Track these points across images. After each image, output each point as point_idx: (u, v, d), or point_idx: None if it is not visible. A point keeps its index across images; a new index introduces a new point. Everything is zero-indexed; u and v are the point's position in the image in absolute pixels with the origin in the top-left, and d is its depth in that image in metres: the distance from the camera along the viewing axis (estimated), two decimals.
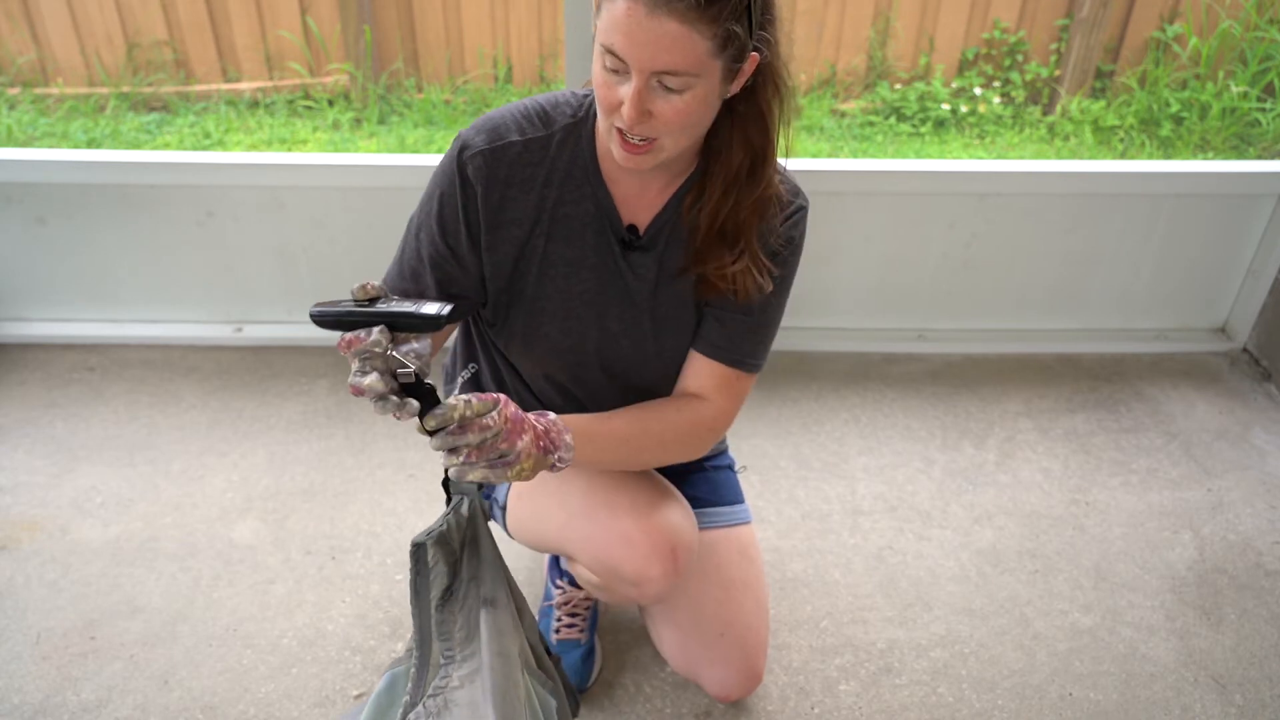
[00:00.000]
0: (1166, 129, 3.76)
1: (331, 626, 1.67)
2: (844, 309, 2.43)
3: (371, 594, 1.73)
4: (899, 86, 4.03)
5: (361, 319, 0.94)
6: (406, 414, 0.96)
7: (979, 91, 3.99)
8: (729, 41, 0.99)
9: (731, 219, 1.17)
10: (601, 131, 1.15)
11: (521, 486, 1.37)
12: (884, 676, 1.62)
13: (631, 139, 1.07)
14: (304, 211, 2.22)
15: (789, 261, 1.25)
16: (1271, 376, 2.38)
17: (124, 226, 2.24)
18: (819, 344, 2.43)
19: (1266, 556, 1.88)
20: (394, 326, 0.95)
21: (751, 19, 1.00)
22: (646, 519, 1.24)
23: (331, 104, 3.90)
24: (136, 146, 3.61)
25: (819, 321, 2.43)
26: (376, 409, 0.96)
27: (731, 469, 1.59)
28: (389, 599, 1.72)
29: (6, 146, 3.13)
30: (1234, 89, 3.70)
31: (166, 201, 2.21)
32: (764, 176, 1.15)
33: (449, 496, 1.13)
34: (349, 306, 0.95)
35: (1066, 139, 3.82)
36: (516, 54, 3.97)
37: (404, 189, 2.10)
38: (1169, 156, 3.66)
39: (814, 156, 3.57)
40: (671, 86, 1.01)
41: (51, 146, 3.56)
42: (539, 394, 1.36)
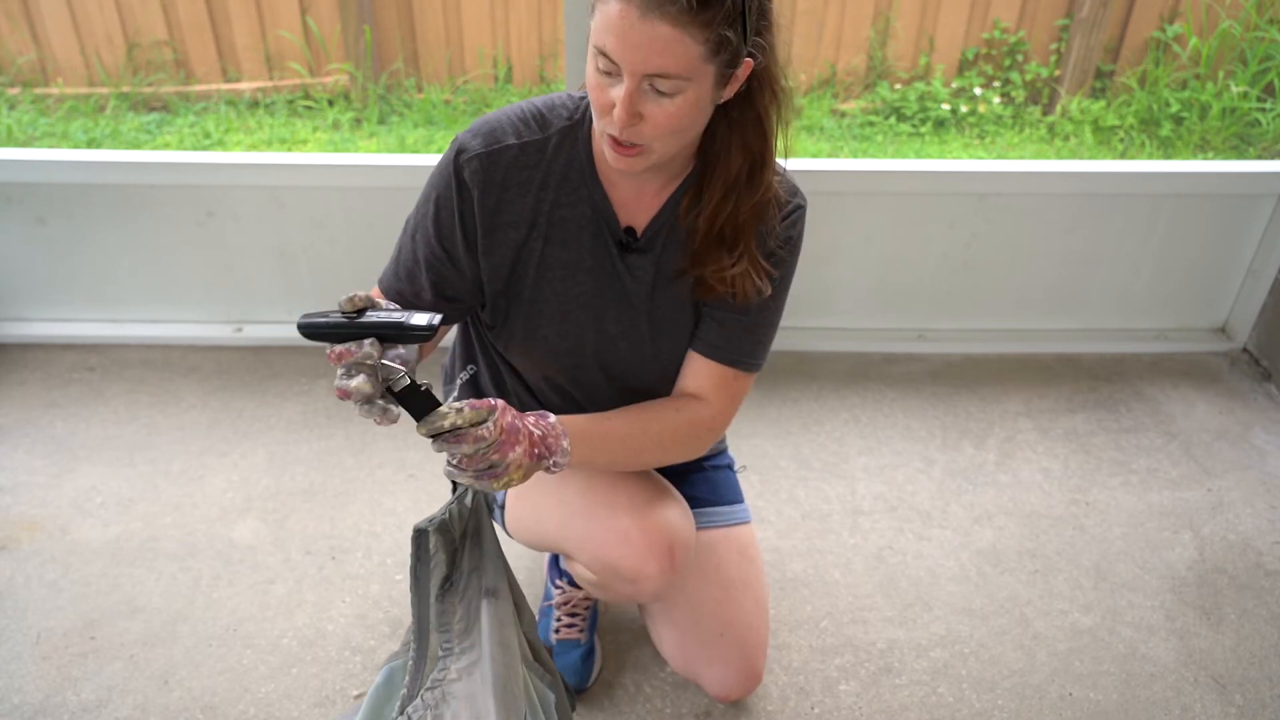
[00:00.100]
0: (1166, 129, 3.76)
1: (331, 626, 1.67)
2: (844, 309, 2.43)
3: (371, 594, 1.73)
4: (899, 86, 4.03)
5: (351, 331, 0.95)
6: (388, 420, 0.97)
7: (979, 91, 3.99)
8: (722, 46, 0.99)
9: (730, 222, 1.17)
10: (595, 133, 1.16)
11: (520, 485, 1.37)
12: (884, 676, 1.62)
13: (622, 140, 1.07)
14: (304, 211, 2.23)
15: (787, 261, 1.25)
16: (1271, 376, 2.38)
17: (124, 226, 2.24)
18: (819, 344, 2.43)
19: (1266, 556, 1.88)
20: (383, 339, 0.96)
21: (746, 25, 1.00)
22: (644, 517, 1.25)
23: (331, 104, 3.90)
24: (136, 146, 3.61)
25: (819, 321, 2.43)
26: (360, 412, 0.96)
27: (731, 469, 1.59)
28: (389, 599, 1.72)
29: (6, 146, 3.13)
30: (1234, 89, 3.70)
31: (166, 201, 2.21)
32: (763, 181, 1.16)
33: (454, 485, 1.14)
34: (337, 318, 0.96)
35: (1066, 139, 3.82)
36: (516, 54, 3.97)
37: (404, 189, 2.09)
38: (1169, 156, 3.66)
39: (814, 156, 3.57)
40: (663, 90, 1.01)
41: (51, 146, 3.56)
42: (538, 395, 1.36)
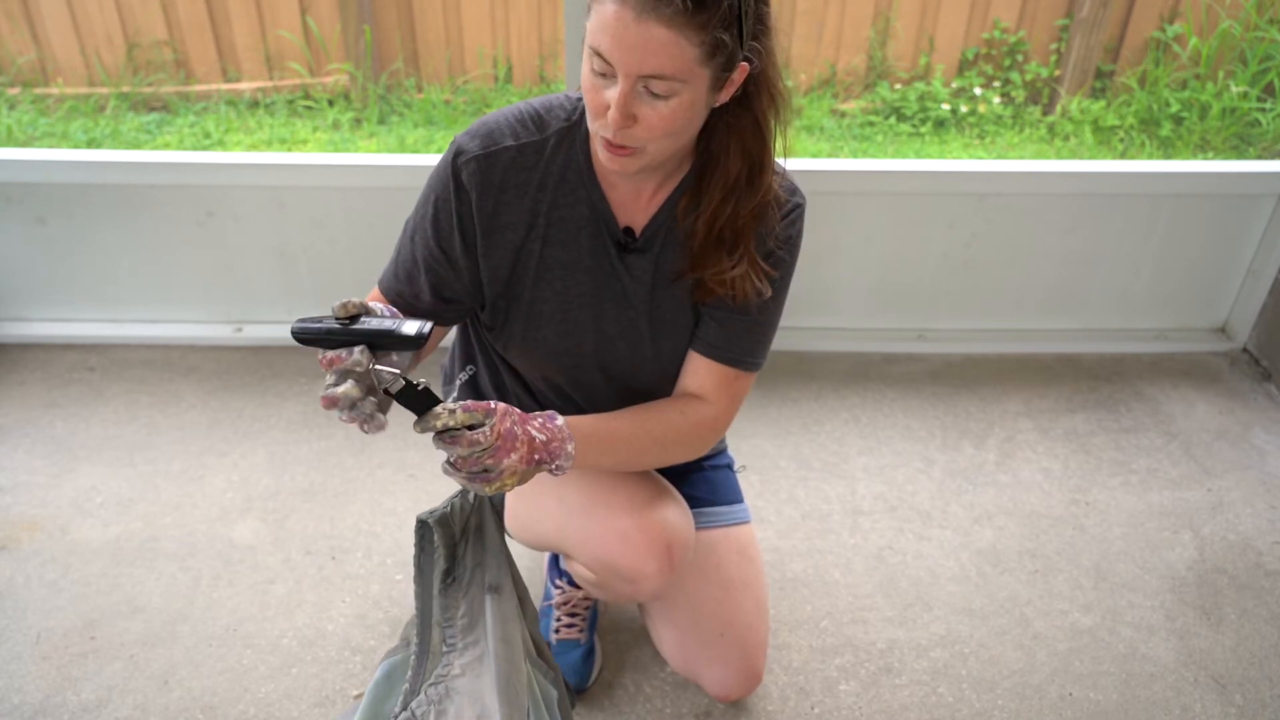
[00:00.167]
0: (1166, 129, 3.76)
1: (331, 626, 1.67)
2: (844, 309, 2.43)
3: (371, 594, 1.73)
4: (899, 86, 4.03)
5: (343, 338, 0.95)
6: (375, 427, 0.98)
7: (979, 91, 3.99)
8: (717, 50, 0.99)
9: (730, 225, 1.17)
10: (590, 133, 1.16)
11: (521, 486, 1.37)
12: (884, 676, 1.62)
13: (615, 141, 1.07)
14: (304, 211, 2.23)
15: (787, 261, 1.25)
16: (1271, 376, 2.38)
17: (124, 226, 2.24)
18: (819, 344, 2.43)
19: (1266, 556, 1.88)
20: (374, 346, 0.96)
21: (742, 29, 1.00)
22: (642, 516, 1.25)
23: (331, 104, 3.90)
24: (136, 146, 3.61)
25: (819, 321, 2.43)
26: (344, 418, 0.97)
27: (731, 468, 1.60)
28: (389, 599, 1.72)
29: (6, 146, 3.13)
30: (1234, 89, 3.70)
31: (166, 201, 2.21)
32: (762, 184, 1.16)
33: None
34: (330, 324, 0.96)
35: (1066, 139, 3.82)
36: (516, 54, 3.97)
37: (404, 189, 2.09)
38: (1169, 156, 3.66)
39: (814, 156, 3.57)
40: (657, 92, 1.01)
41: (51, 146, 3.56)
42: (537, 395, 1.36)
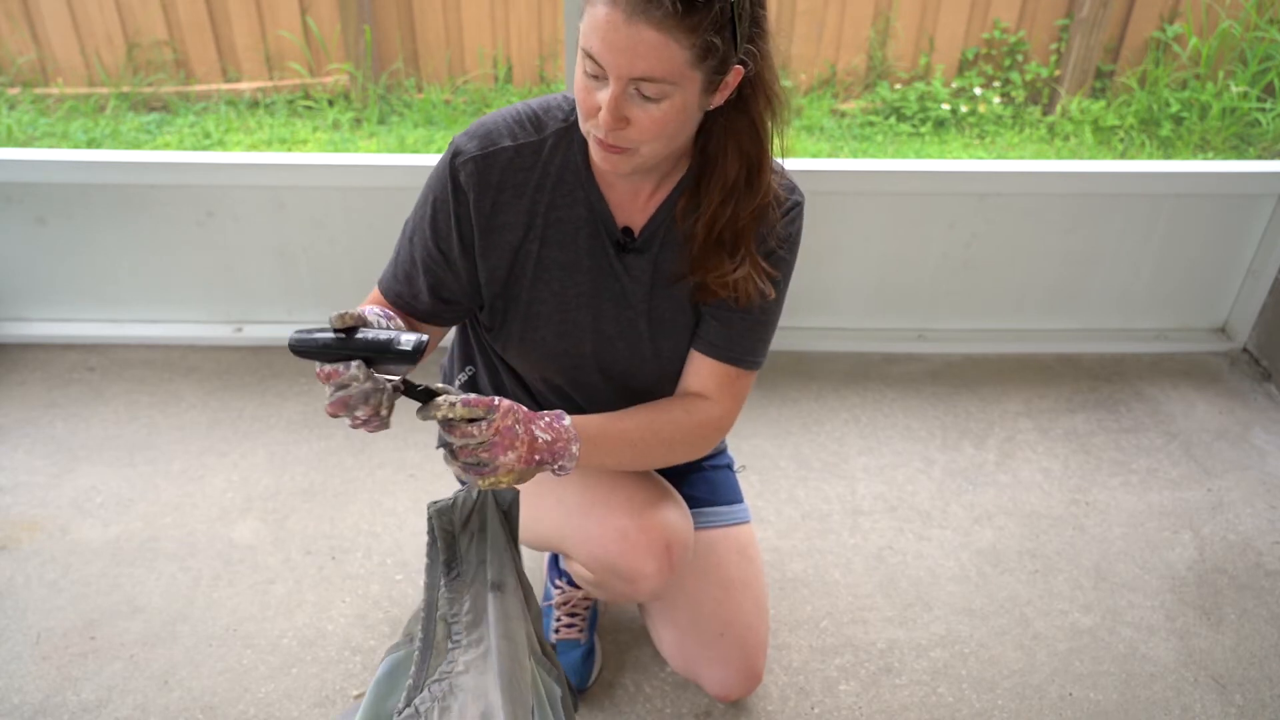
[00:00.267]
0: (1166, 129, 3.76)
1: (331, 626, 1.67)
2: (844, 309, 2.43)
3: (371, 594, 1.73)
4: (899, 86, 4.03)
5: (339, 352, 0.96)
6: (378, 422, 0.99)
7: (979, 91, 3.99)
8: (709, 52, 0.99)
9: (730, 227, 1.17)
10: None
11: (519, 484, 1.38)
12: (884, 676, 1.62)
13: (608, 142, 1.07)
14: (304, 211, 2.22)
15: (787, 260, 1.25)
16: (1271, 376, 2.38)
17: (124, 226, 2.24)
18: (819, 344, 2.43)
19: (1266, 556, 1.88)
20: (371, 361, 0.97)
21: (736, 32, 1.00)
22: (641, 516, 1.25)
23: (331, 104, 3.90)
24: (136, 146, 3.61)
25: (819, 321, 2.43)
26: (352, 424, 0.99)
27: (730, 468, 1.60)
28: (389, 599, 1.72)
29: (6, 146, 3.13)
30: (1234, 89, 3.70)
31: (166, 201, 2.21)
32: (760, 185, 1.16)
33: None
34: (328, 336, 0.96)
35: (1066, 139, 3.82)
36: (516, 54, 3.97)
37: (404, 189, 2.09)
38: (1169, 156, 3.65)
39: (814, 156, 3.57)
40: (648, 95, 1.01)
41: (51, 146, 3.56)
42: (536, 395, 1.36)
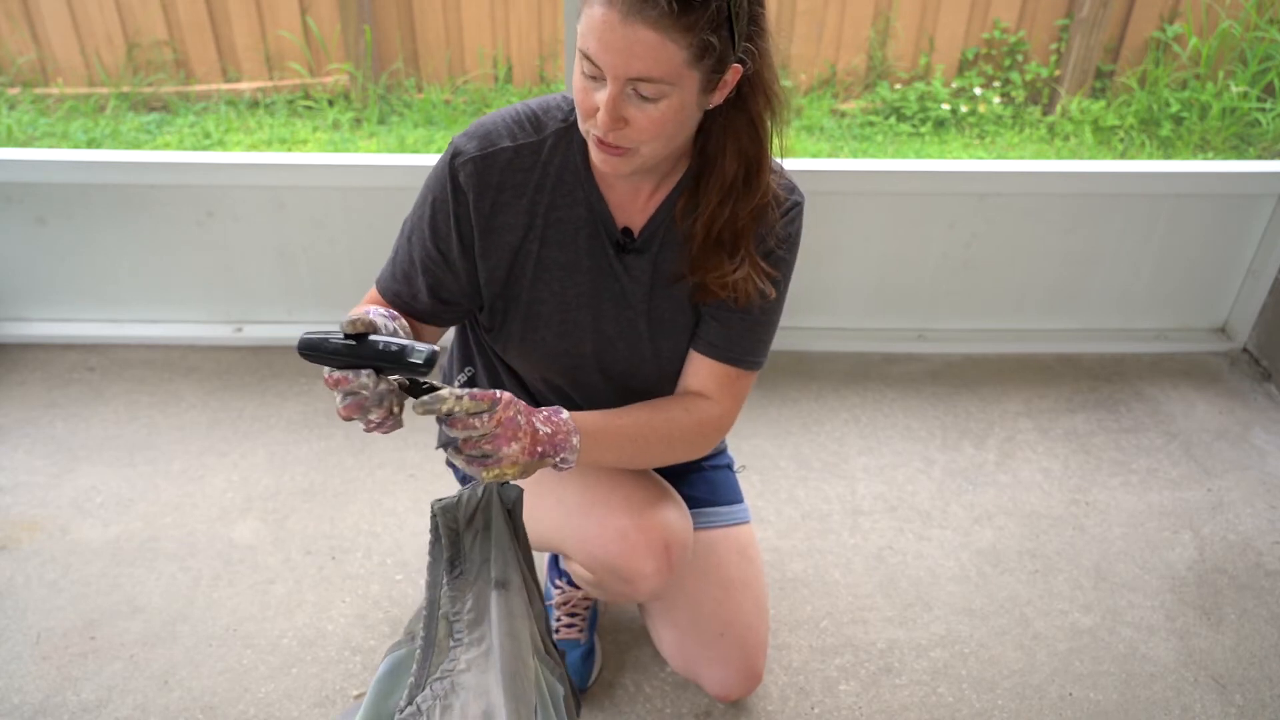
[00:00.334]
0: (1166, 129, 3.76)
1: (331, 626, 1.67)
2: (844, 309, 2.43)
3: (371, 594, 1.73)
4: (899, 86, 4.03)
5: (350, 360, 0.96)
6: (391, 422, 1.00)
7: (979, 91, 3.99)
8: (706, 52, 0.98)
9: (729, 227, 1.17)
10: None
11: (523, 477, 1.38)
12: (884, 676, 1.62)
13: (607, 142, 1.07)
14: (304, 211, 2.23)
15: (787, 260, 1.25)
16: (1271, 376, 2.38)
17: (124, 226, 2.24)
18: (819, 344, 2.43)
19: (1266, 556, 1.88)
20: (380, 370, 0.97)
21: (733, 30, 1.00)
22: (640, 516, 1.25)
23: (331, 104, 3.90)
24: (136, 146, 3.61)
25: (819, 321, 2.43)
26: (367, 428, 1.00)
27: (730, 468, 1.59)
28: (389, 599, 1.72)
29: (6, 146, 3.13)
30: (1234, 89, 3.70)
31: (166, 201, 2.21)
32: (759, 185, 1.15)
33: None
34: (340, 341, 0.97)
35: (1066, 139, 3.82)
36: (516, 54, 3.97)
37: (404, 189, 2.09)
38: (1169, 156, 3.65)
39: (814, 156, 3.57)
40: (646, 95, 1.01)
41: (51, 146, 3.56)
42: (536, 396, 1.36)
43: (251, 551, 1.81)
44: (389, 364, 0.96)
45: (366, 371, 0.96)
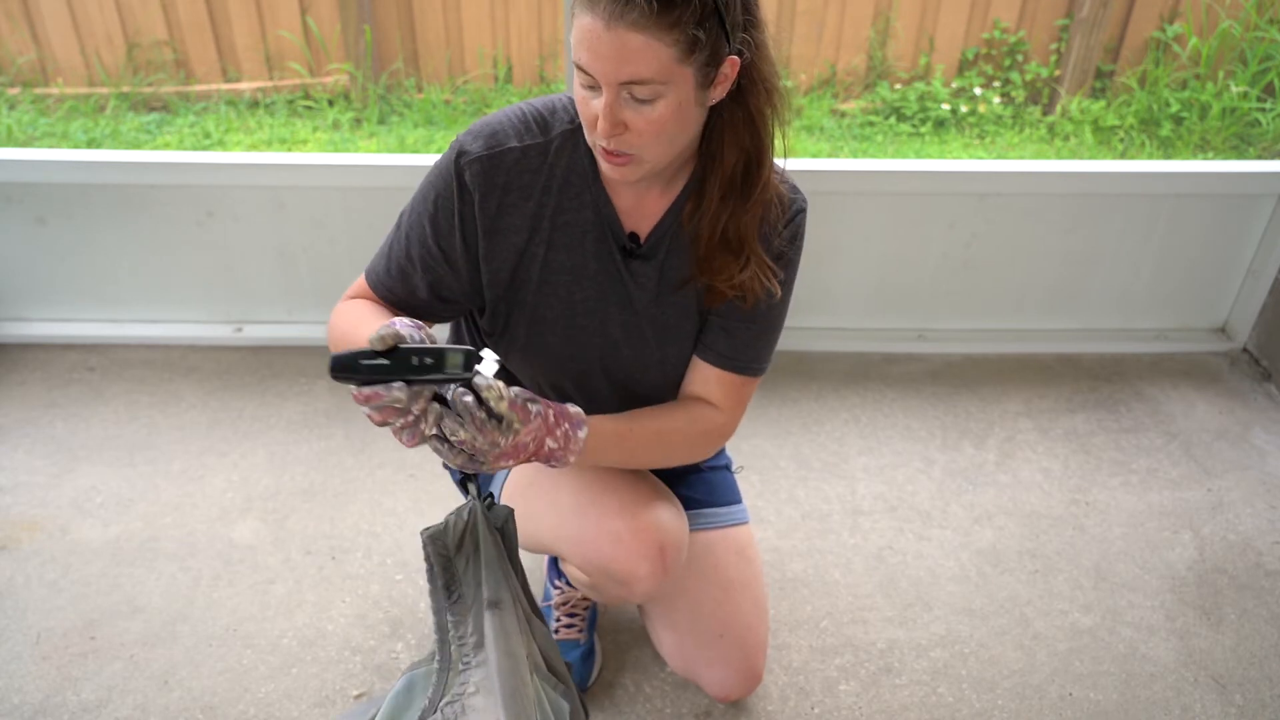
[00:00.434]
0: (1166, 129, 3.76)
1: (331, 626, 1.67)
2: (844, 309, 2.43)
3: (371, 594, 1.73)
4: (899, 86, 4.03)
5: (385, 377, 0.92)
6: (427, 429, 0.96)
7: (979, 91, 3.99)
8: (695, 47, 0.98)
9: (733, 225, 1.16)
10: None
11: (513, 488, 1.37)
12: (884, 676, 1.62)
13: (611, 150, 1.06)
14: (304, 211, 2.22)
15: (793, 259, 1.25)
16: (1271, 376, 2.38)
17: (124, 226, 2.24)
18: (819, 344, 2.43)
19: (1266, 556, 1.88)
20: (412, 383, 0.93)
21: (724, 22, 0.99)
22: (635, 518, 1.25)
23: (331, 104, 3.90)
24: (136, 146, 3.61)
25: (819, 321, 2.43)
26: (409, 440, 0.96)
27: (729, 469, 1.59)
28: (389, 599, 1.72)
29: (6, 146, 3.13)
30: (1234, 89, 3.70)
31: (166, 201, 2.21)
32: (760, 180, 1.14)
33: (465, 491, 1.17)
34: (369, 358, 0.92)
35: (1066, 139, 3.82)
36: (516, 54, 3.97)
37: (404, 189, 2.08)
38: (1169, 156, 3.65)
39: (814, 156, 3.57)
40: (641, 97, 1.00)
41: (51, 146, 3.56)
42: None
43: (251, 551, 1.81)
44: (427, 376, 0.93)
45: (398, 385, 0.92)
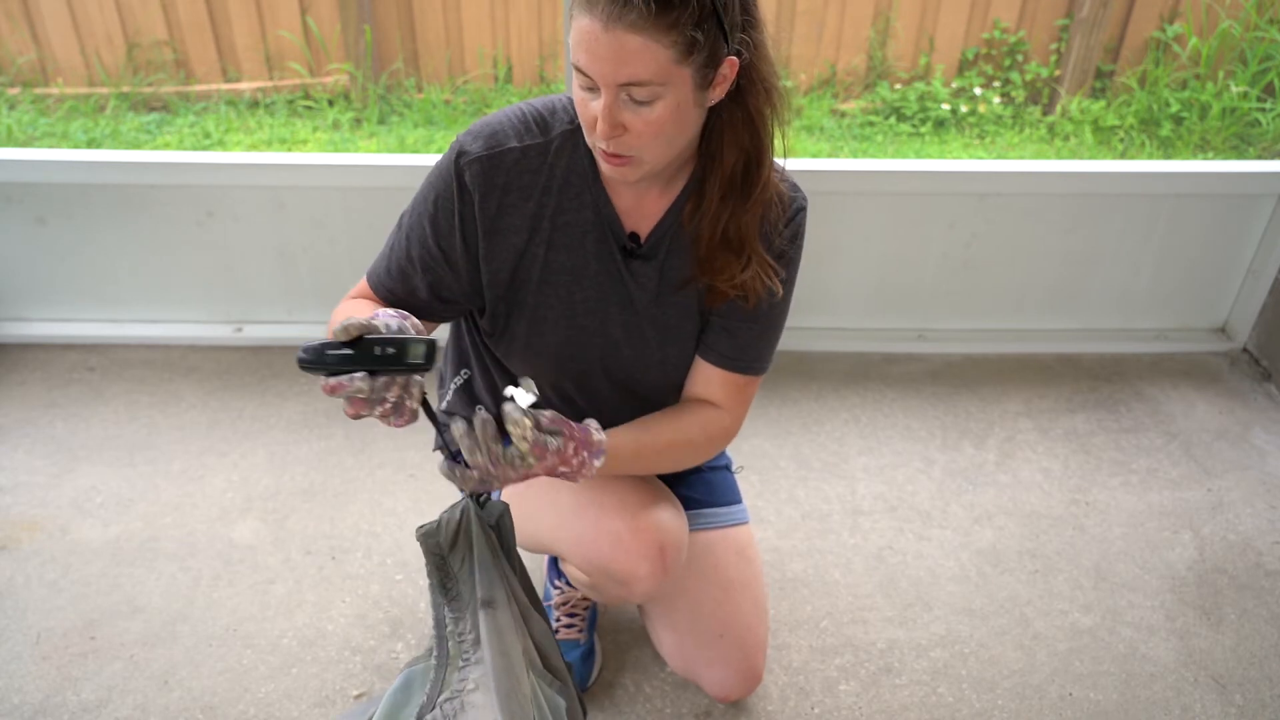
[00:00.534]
0: (1166, 129, 3.76)
1: (331, 626, 1.67)
2: (844, 309, 2.43)
3: (371, 594, 1.73)
4: (899, 86, 4.03)
5: (348, 367, 0.96)
6: (406, 414, 0.98)
7: (979, 91, 3.99)
8: (693, 48, 0.98)
9: (734, 225, 1.16)
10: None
11: (514, 488, 1.37)
12: (884, 676, 1.62)
13: (611, 151, 1.06)
14: (304, 211, 2.22)
15: (794, 258, 1.25)
16: (1271, 376, 2.38)
17: (124, 226, 2.24)
18: (819, 344, 2.43)
19: (1266, 556, 1.88)
20: (376, 373, 0.96)
21: (722, 23, 0.99)
22: (635, 518, 1.25)
23: (331, 104, 3.90)
24: (136, 146, 3.61)
25: (819, 321, 2.43)
26: (381, 414, 0.99)
27: (729, 469, 1.59)
28: (389, 599, 1.72)
29: (6, 146, 3.13)
30: (1234, 89, 3.70)
31: (166, 201, 2.21)
32: (760, 179, 1.14)
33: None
34: (335, 349, 0.96)
35: (1066, 139, 3.82)
36: (516, 54, 3.97)
37: (404, 189, 2.08)
38: (1169, 156, 3.65)
39: (814, 156, 3.57)
40: (639, 98, 1.00)
41: (51, 146, 3.56)
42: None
43: (251, 551, 1.81)
44: (389, 366, 0.96)
45: (360, 375, 0.95)
